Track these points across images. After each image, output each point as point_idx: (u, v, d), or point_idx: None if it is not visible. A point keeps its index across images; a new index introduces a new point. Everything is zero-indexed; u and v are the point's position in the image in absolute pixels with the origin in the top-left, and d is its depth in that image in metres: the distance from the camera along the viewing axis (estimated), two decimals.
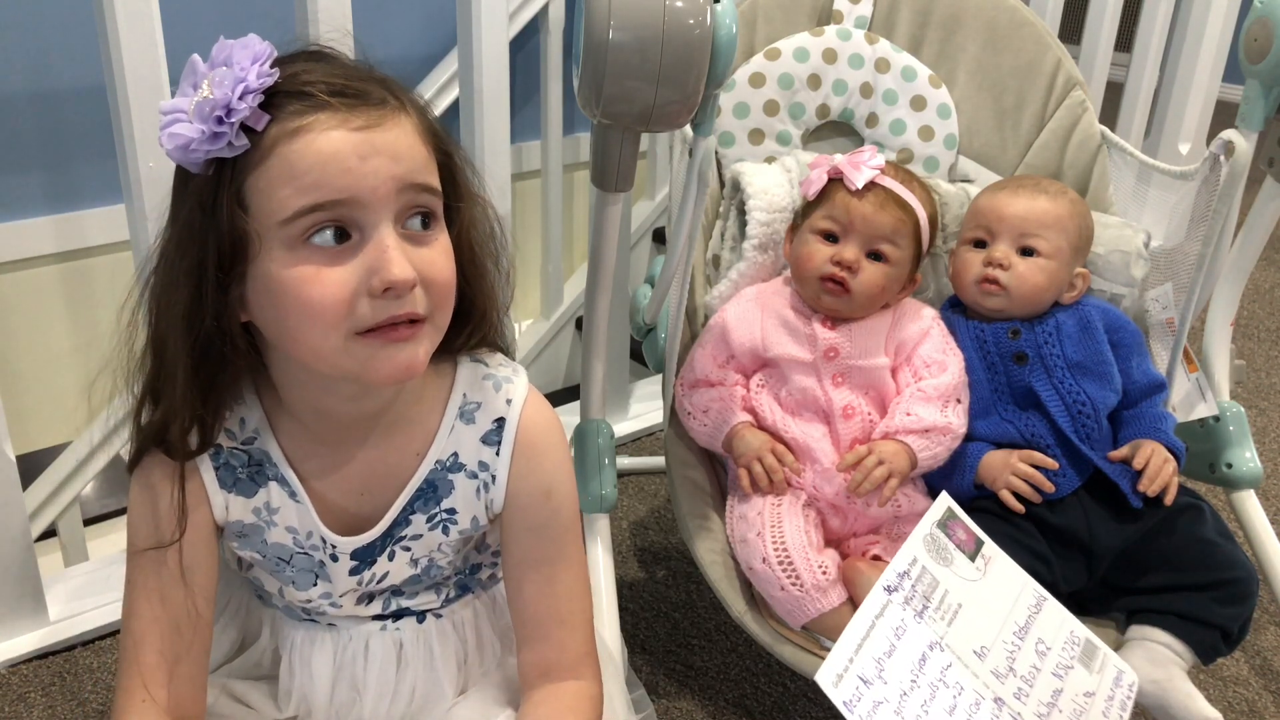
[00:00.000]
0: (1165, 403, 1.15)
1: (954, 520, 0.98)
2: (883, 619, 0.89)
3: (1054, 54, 1.32)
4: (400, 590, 0.87)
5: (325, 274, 0.68)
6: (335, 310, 0.69)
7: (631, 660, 1.21)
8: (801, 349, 1.10)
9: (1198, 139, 2.68)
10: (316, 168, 0.67)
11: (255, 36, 0.69)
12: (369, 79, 0.72)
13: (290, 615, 0.89)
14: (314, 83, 0.68)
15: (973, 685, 0.88)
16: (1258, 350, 2.29)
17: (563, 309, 2.53)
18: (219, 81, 0.67)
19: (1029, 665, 0.91)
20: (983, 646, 0.91)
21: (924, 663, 0.87)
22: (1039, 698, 0.89)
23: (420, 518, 0.83)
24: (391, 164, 0.69)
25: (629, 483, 1.71)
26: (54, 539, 2.05)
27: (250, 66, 0.67)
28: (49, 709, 1.21)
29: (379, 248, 0.69)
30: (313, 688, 0.88)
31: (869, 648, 0.86)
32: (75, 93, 2.13)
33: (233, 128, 0.66)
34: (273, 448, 0.81)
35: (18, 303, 2.19)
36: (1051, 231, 1.12)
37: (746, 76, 1.28)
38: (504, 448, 0.83)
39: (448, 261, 0.74)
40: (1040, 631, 0.94)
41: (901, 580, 0.91)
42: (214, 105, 0.66)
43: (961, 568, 0.95)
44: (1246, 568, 1.04)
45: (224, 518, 0.81)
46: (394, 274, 0.68)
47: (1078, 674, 0.93)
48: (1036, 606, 0.96)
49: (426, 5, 2.46)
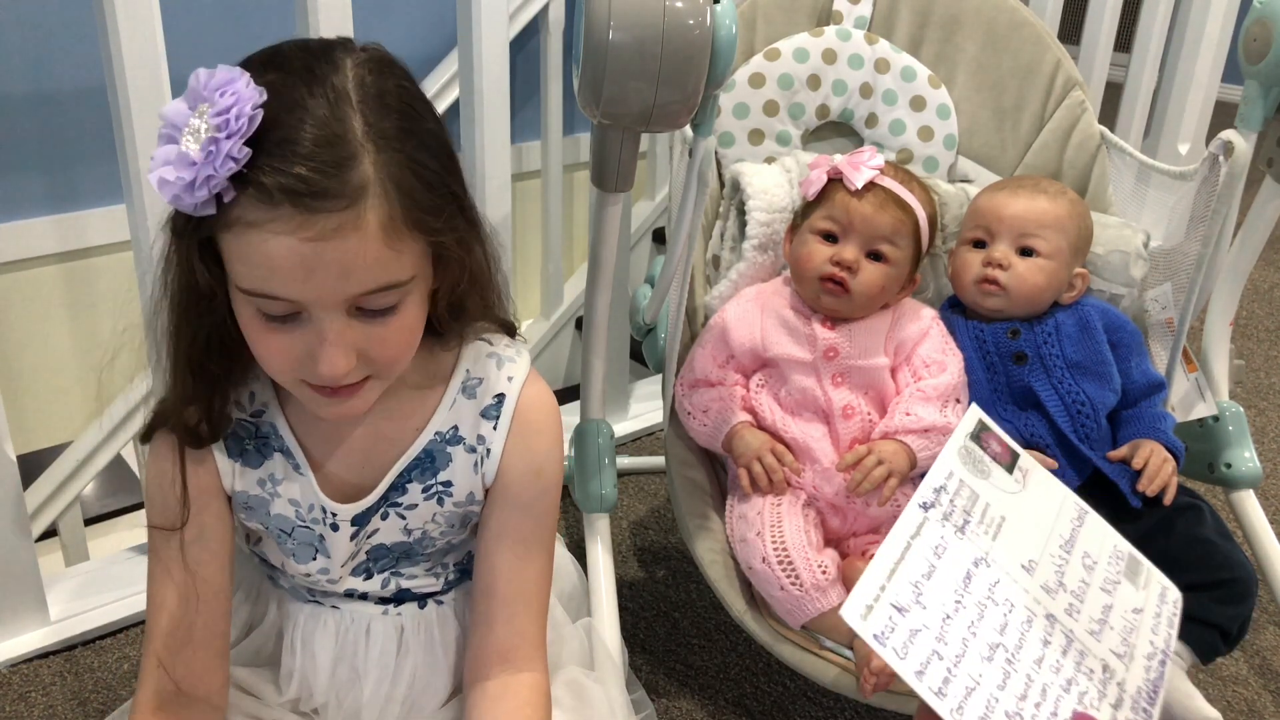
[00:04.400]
0: (1164, 402, 1.15)
1: (987, 432, 0.93)
2: (919, 539, 0.82)
3: (1053, 54, 1.32)
4: (399, 571, 0.88)
5: (270, 338, 0.71)
6: (278, 368, 0.73)
7: (631, 660, 1.21)
8: (801, 349, 1.11)
9: (1197, 139, 2.68)
10: (264, 269, 0.66)
11: (245, 90, 0.65)
12: (339, 164, 0.65)
13: (296, 595, 0.90)
14: (280, 170, 0.64)
15: (1024, 601, 0.81)
16: (1257, 350, 2.29)
17: (563, 309, 2.53)
18: (205, 148, 0.64)
19: (1078, 579, 0.86)
20: (1030, 560, 0.84)
21: (969, 580, 0.80)
22: (1090, 614, 0.84)
23: (416, 487, 0.84)
24: (338, 280, 0.67)
25: (629, 483, 1.71)
26: (55, 539, 2.05)
27: (232, 141, 0.64)
28: (49, 709, 1.21)
29: (319, 337, 0.70)
30: (314, 669, 0.89)
31: (904, 571, 0.79)
32: (75, 93, 2.13)
33: (209, 197, 0.65)
34: (279, 421, 0.83)
35: (18, 303, 2.19)
36: (1051, 231, 1.12)
37: (746, 77, 1.28)
38: (501, 422, 0.84)
39: (402, 337, 0.74)
40: (1086, 545, 0.89)
41: (939, 495, 0.85)
42: (197, 170, 0.64)
43: (1000, 480, 0.89)
44: (1246, 568, 1.04)
45: (231, 486, 0.83)
46: (322, 372, 0.70)
47: (1125, 589, 0.88)
48: (1079, 519, 0.91)
49: (426, 5, 2.47)
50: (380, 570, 0.88)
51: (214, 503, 0.83)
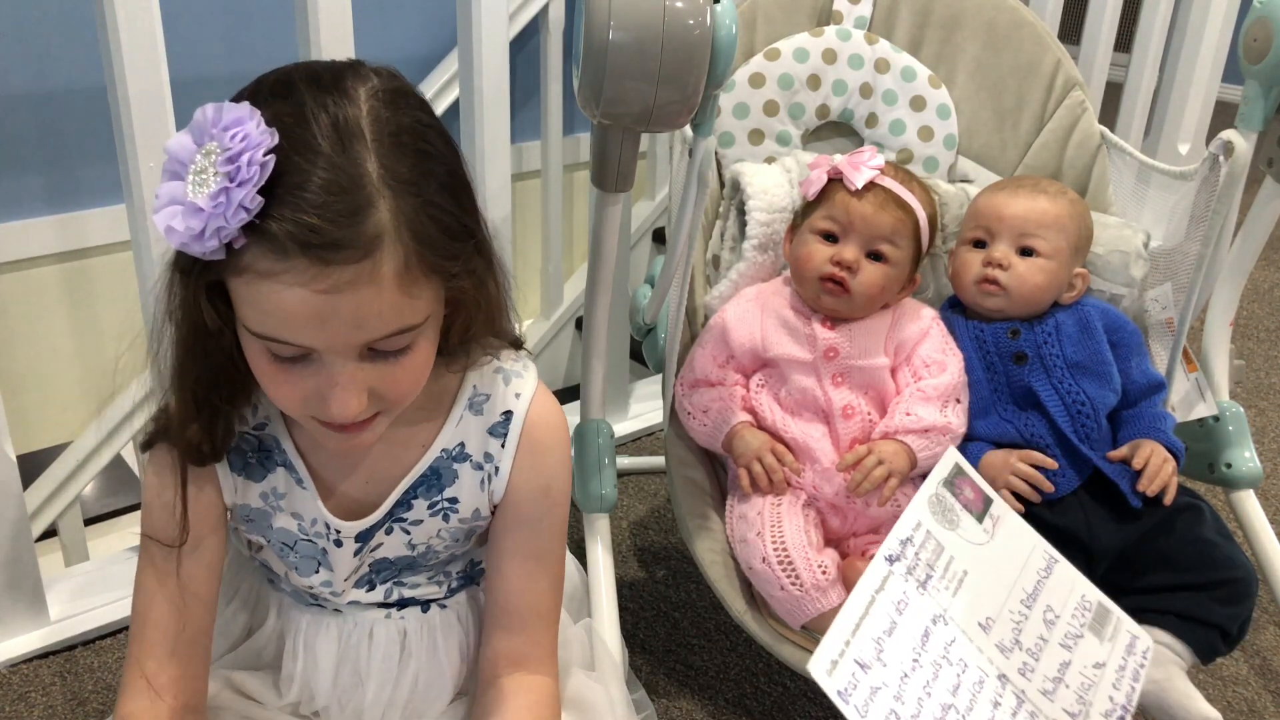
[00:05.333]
0: (1164, 402, 1.15)
1: (962, 477, 0.92)
2: (883, 593, 0.82)
3: (1053, 54, 1.32)
4: (402, 580, 0.88)
5: (280, 376, 0.70)
6: (287, 405, 0.73)
7: (631, 660, 1.21)
8: (801, 349, 1.11)
9: (1197, 139, 2.68)
10: (277, 317, 0.65)
11: (256, 133, 0.62)
12: (354, 213, 0.63)
13: (298, 600, 0.90)
14: (292, 219, 0.62)
15: (976, 662, 0.81)
16: (1257, 350, 2.29)
17: (563, 309, 2.53)
18: (214, 197, 0.62)
19: (1035, 637, 0.86)
20: (988, 618, 0.85)
21: (927, 639, 0.81)
22: (1044, 672, 0.84)
23: (422, 503, 0.84)
24: (352, 330, 0.66)
25: (629, 483, 1.71)
26: (54, 539, 2.06)
27: (244, 190, 0.61)
28: (49, 709, 1.21)
29: (330, 381, 0.69)
30: (316, 673, 0.89)
31: (868, 627, 0.80)
32: (75, 93, 2.13)
33: (219, 246, 0.64)
34: (283, 435, 0.82)
35: (18, 303, 2.19)
36: (1051, 231, 1.12)
37: (746, 77, 1.28)
38: (509, 440, 0.84)
39: (413, 375, 0.73)
40: (1049, 598, 0.88)
41: (904, 548, 0.85)
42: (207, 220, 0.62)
43: (968, 530, 0.89)
44: (1246, 567, 1.04)
45: (233, 500, 0.83)
46: (334, 414, 0.70)
47: (1087, 643, 0.88)
48: (1046, 570, 0.90)
49: (426, 5, 2.47)
50: (383, 581, 0.88)
51: (211, 516, 0.82)
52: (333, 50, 1.25)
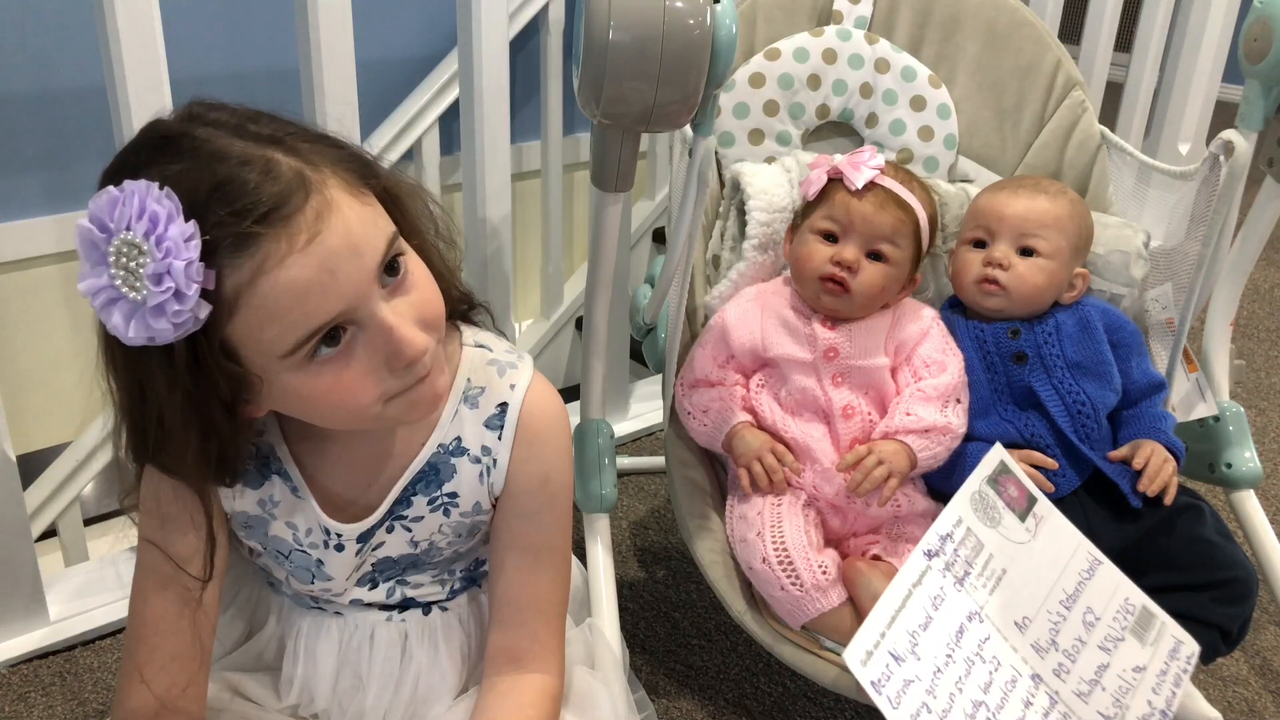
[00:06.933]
0: (1165, 402, 1.15)
1: (1006, 475, 0.91)
2: (920, 587, 0.82)
3: (1054, 54, 1.32)
4: (405, 580, 0.88)
5: (345, 378, 0.69)
6: (365, 404, 0.71)
7: (632, 660, 1.21)
8: (801, 349, 1.10)
9: (1197, 139, 2.68)
10: (294, 303, 0.64)
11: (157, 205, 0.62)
12: (268, 172, 0.64)
13: (298, 603, 0.90)
14: (232, 215, 0.62)
15: (1010, 660, 0.81)
16: (1258, 350, 2.29)
17: (563, 309, 2.53)
18: (152, 275, 0.61)
19: (1073, 638, 0.85)
20: (1025, 617, 0.84)
21: (961, 635, 0.81)
22: (1080, 674, 0.83)
23: (421, 499, 0.84)
24: (359, 259, 0.66)
25: (629, 483, 1.71)
26: (54, 539, 2.06)
27: (182, 249, 0.61)
28: (49, 709, 1.21)
29: (383, 332, 0.68)
30: (317, 676, 0.89)
31: (903, 620, 0.80)
32: (75, 93, 2.13)
33: (193, 315, 0.63)
34: (278, 443, 0.82)
35: (18, 303, 2.19)
36: (1051, 231, 1.12)
37: (746, 77, 1.28)
38: (506, 432, 0.84)
39: (431, 288, 0.73)
40: (1090, 599, 0.87)
41: (944, 543, 0.84)
42: (160, 303, 0.62)
43: (1010, 529, 0.88)
44: (1246, 567, 1.04)
45: (231, 507, 0.83)
46: (410, 354, 0.69)
47: (1128, 646, 0.87)
48: (1089, 571, 0.89)
49: (426, 5, 2.47)
50: (385, 580, 0.88)
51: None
52: (333, 50, 1.25)
